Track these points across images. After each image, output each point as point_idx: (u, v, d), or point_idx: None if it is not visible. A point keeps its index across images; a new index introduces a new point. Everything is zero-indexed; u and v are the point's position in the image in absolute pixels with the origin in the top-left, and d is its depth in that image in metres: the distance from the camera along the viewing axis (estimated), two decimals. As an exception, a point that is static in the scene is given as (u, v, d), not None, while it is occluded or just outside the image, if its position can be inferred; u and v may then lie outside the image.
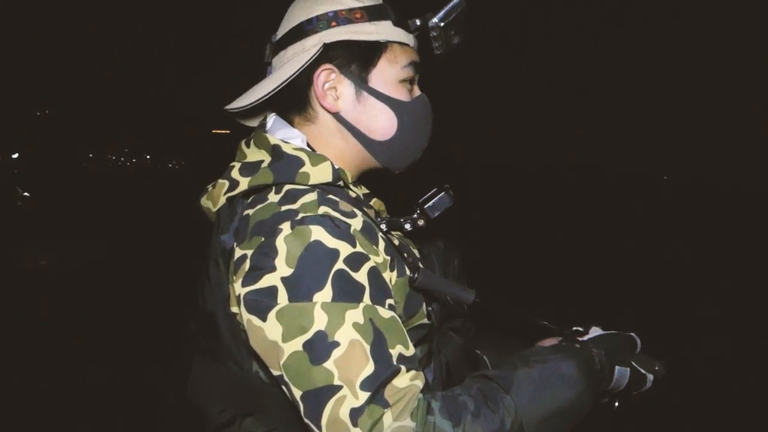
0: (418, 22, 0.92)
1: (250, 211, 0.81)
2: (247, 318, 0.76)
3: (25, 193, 10.61)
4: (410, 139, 0.93)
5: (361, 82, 0.89)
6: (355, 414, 0.69)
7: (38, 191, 10.65)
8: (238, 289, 0.77)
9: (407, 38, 0.92)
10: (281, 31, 0.92)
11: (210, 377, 0.87)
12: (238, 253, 0.79)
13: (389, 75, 0.90)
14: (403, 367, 0.73)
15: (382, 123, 0.91)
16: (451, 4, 0.90)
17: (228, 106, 0.93)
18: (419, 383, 0.74)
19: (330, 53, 0.88)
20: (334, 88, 0.89)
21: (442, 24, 0.90)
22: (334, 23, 0.88)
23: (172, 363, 0.99)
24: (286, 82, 0.87)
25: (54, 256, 6.09)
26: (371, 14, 0.89)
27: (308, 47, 0.87)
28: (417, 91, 0.95)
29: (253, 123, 1.02)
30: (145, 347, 3.51)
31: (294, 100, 0.92)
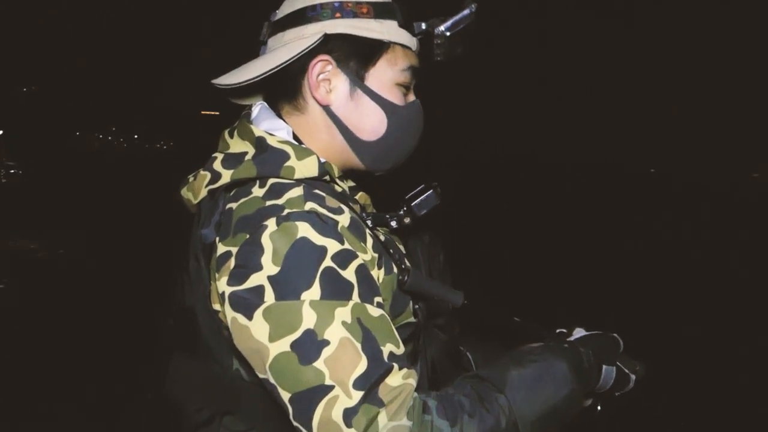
0: (423, 26, 0.90)
1: (233, 205, 0.79)
2: (232, 316, 0.74)
3: (12, 170, 10.44)
4: (397, 143, 0.92)
5: (358, 80, 0.87)
6: (349, 414, 0.68)
7: (23, 169, 10.50)
8: (222, 286, 0.75)
9: (410, 41, 0.90)
10: (282, 12, 0.89)
11: (188, 374, 0.85)
12: (221, 249, 0.77)
13: (386, 76, 0.88)
14: (395, 365, 0.73)
15: (371, 123, 0.89)
16: (461, 15, 0.88)
17: (216, 81, 0.89)
18: (413, 381, 0.74)
19: (330, 44, 0.85)
20: (328, 80, 0.87)
21: (448, 33, 0.88)
22: (338, 14, 0.85)
23: (149, 360, 0.97)
24: (281, 67, 0.84)
25: (30, 243, 6.01)
26: (378, 11, 0.86)
27: (308, 34, 0.85)
28: (412, 97, 0.93)
29: (243, 102, 0.99)
30: (121, 342, 3.38)
31: (285, 87, 0.90)
